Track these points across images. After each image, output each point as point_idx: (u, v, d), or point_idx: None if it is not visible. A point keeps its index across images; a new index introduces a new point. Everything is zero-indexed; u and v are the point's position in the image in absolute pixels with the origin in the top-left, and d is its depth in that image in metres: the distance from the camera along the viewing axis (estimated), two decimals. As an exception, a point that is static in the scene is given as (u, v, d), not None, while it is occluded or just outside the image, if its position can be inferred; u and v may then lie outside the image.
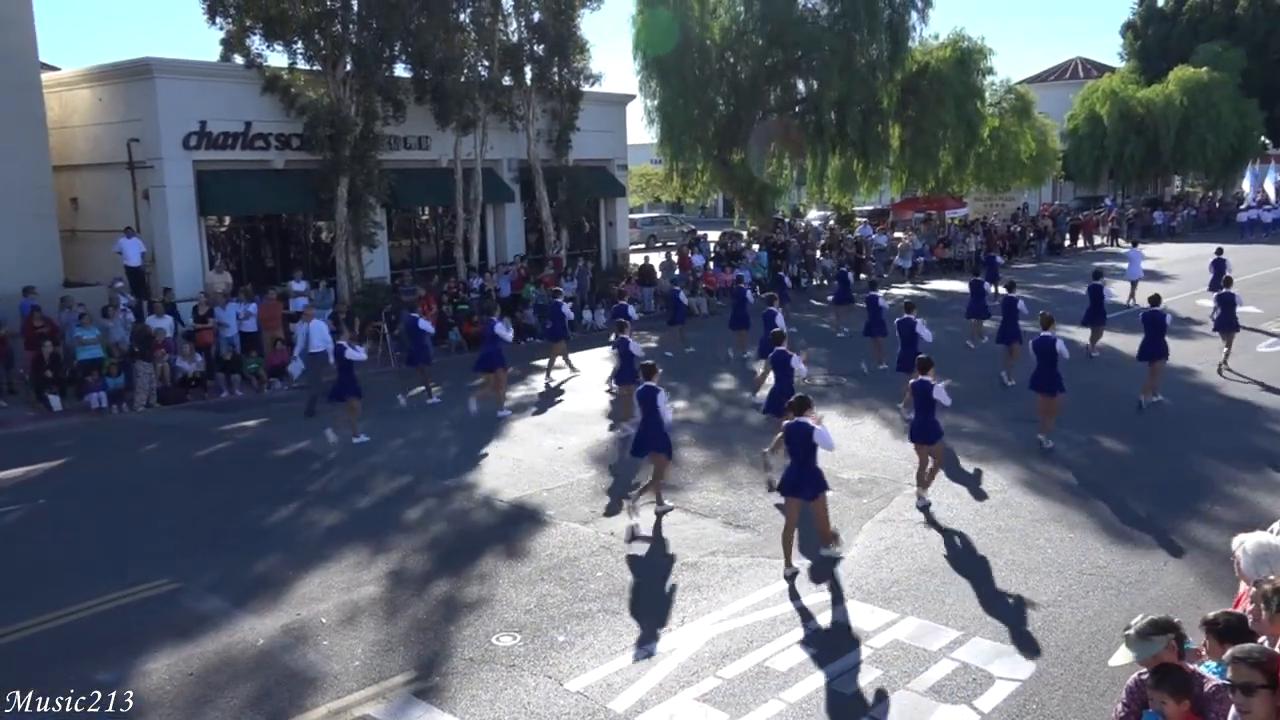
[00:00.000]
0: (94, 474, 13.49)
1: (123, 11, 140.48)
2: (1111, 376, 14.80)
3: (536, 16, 26.37)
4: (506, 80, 25.92)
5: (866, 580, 8.96)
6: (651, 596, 8.75)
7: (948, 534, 10.07)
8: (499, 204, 27.26)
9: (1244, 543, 5.32)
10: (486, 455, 13.57)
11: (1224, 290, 17.48)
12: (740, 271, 27.96)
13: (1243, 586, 5.53)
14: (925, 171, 35.98)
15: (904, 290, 27.36)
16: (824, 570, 9.20)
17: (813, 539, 9.97)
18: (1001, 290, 18.51)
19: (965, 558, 9.44)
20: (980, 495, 11.21)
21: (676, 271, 27.66)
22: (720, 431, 14.43)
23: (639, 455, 11.10)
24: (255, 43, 21.41)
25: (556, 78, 26.87)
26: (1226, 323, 17.08)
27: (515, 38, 26.31)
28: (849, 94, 31.20)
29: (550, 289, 21.84)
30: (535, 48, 26.51)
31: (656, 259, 29.41)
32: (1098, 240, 42.85)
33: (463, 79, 23.99)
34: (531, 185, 27.15)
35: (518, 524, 10.75)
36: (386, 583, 9.28)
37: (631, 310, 17.88)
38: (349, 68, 22.00)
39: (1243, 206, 50.31)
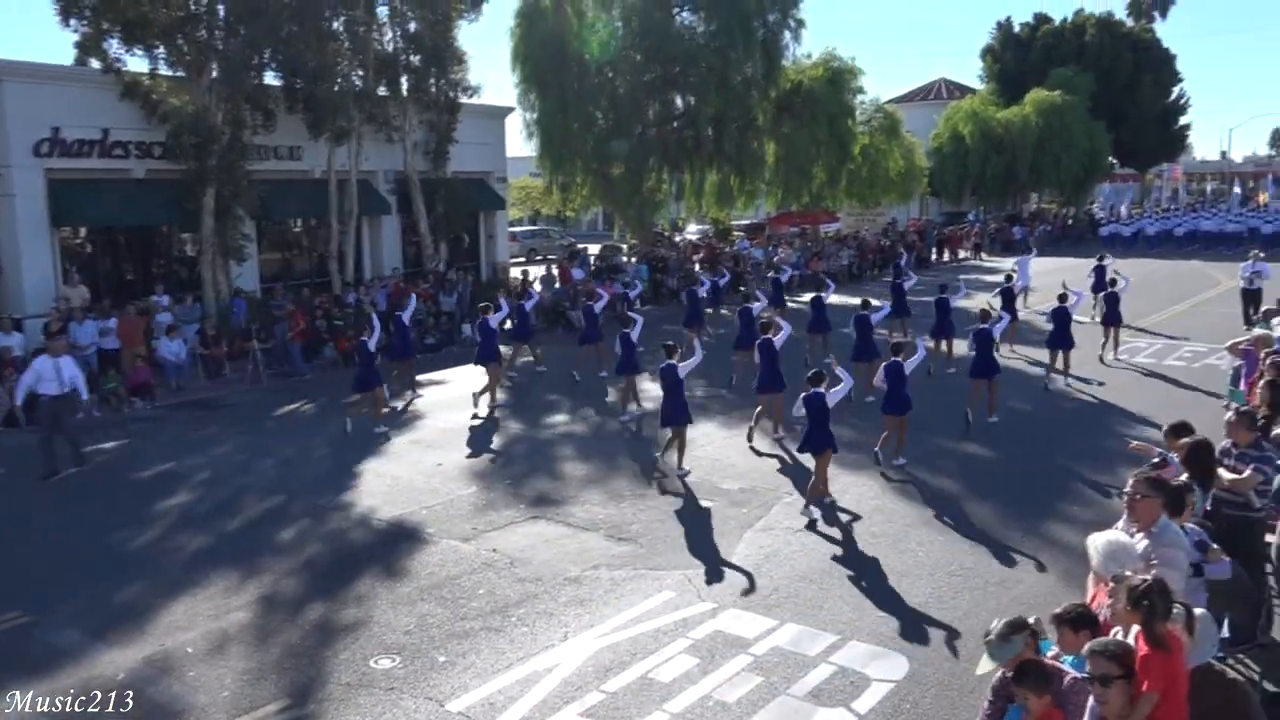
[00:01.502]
0: (-66, 502, 12.58)
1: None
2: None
3: (413, 26, 25.99)
4: (382, 90, 25.47)
5: (747, 588, 9.09)
6: (534, 612, 8.68)
7: (825, 541, 10.30)
8: (375, 216, 26.72)
9: (1096, 541, 5.62)
10: (363, 473, 13.24)
11: (1109, 290, 19.65)
12: (618, 286, 28.09)
13: (1092, 582, 5.84)
14: (799, 187, 36.90)
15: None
16: (709, 580, 9.29)
17: (705, 547, 10.10)
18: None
19: (842, 563, 9.68)
20: (856, 502, 11.52)
21: (556, 285, 27.60)
22: (602, 444, 14.45)
23: (666, 426, 12.76)
24: (113, 46, 20.43)
25: (434, 89, 26.54)
26: (1111, 318, 19.36)
27: (391, 47, 25.88)
28: (725, 110, 31.77)
29: (524, 290, 22.13)
30: (411, 58, 26.13)
31: (536, 272, 29.30)
32: (962, 254, 44.68)
33: (336, 88, 23.46)
34: (409, 197, 26.73)
35: (396, 543, 10.52)
36: (257, 608, 8.94)
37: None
38: (215, 74, 21.23)
39: (1104, 222, 53.45)
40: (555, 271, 28.70)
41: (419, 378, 18.67)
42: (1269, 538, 7.58)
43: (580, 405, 17.07)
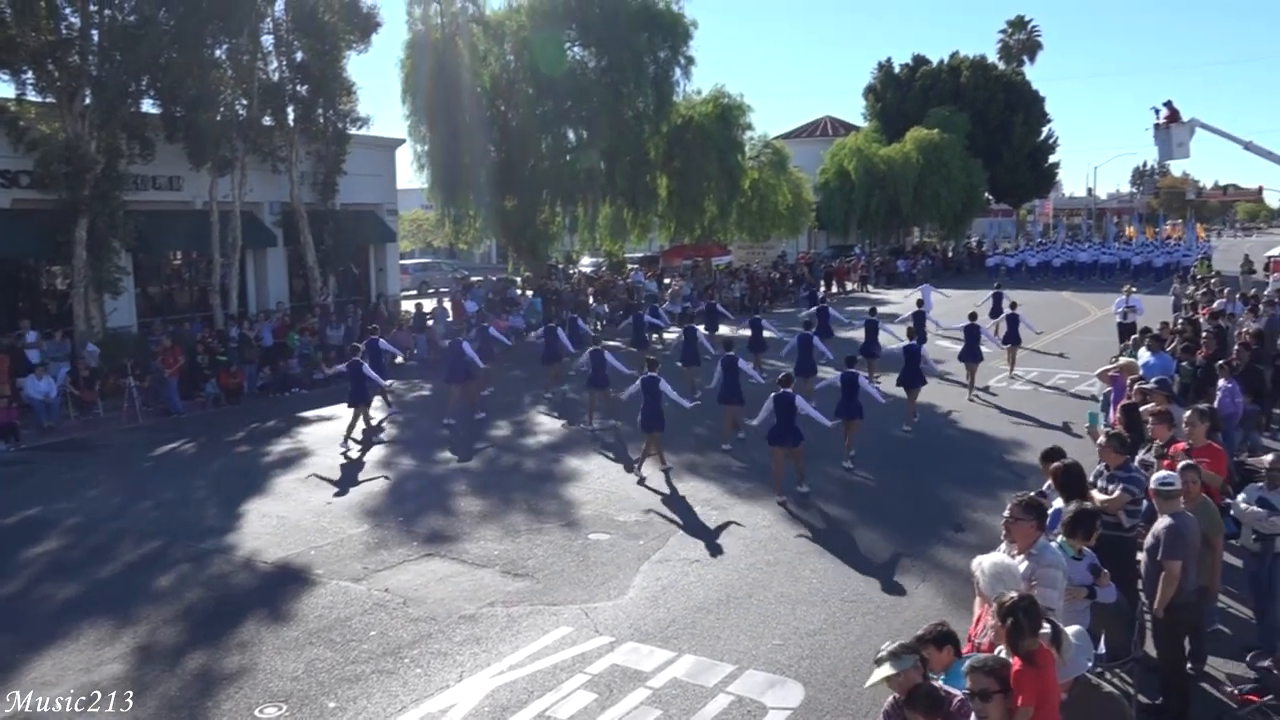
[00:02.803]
0: None
1: None
2: (874, 414, 15.96)
3: (300, 56, 25.52)
4: (267, 120, 24.89)
5: (644, 621, 9.07)
6: (428, 653, 8.48)
7: (721, 571, 10.36)
8: (260, 249, 26.03)
9: (982, 563, 5.79)
10: (247, 514, 12.76)
11: (1008, 313, 21.51)
12: (515, 319, 27.98)
13: (978, 604, 6.01)
14: (691, 220, 37.45)
15: (671, 334, 28.16)
16: (606, 613, 9.24)
17: (589, 586, 10.04)
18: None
19: (738, 593, 9.74)
20: (750, 531, 11.63)
21: (449, 319, 27.28)
22: (496, 479, 14.26)
23: (646, 430, 14.15)
24: (-23, 71, 19.56)
25: (321, 119, 26.10)
26: (1011, 339, 21.26)
27: (277, 77, 25.35)
28: (618, 144, 32.08)
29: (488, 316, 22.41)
30: (298, 88, 25.64)
31: (429, 305, 28.93)
32: (850, 286, 45.91)
33: (219, 117, 22.84)
34: (295, 229, 26.12)
35: (283, 586, 10.15)
36: (133, 659, 8.49)
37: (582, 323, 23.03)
38: (88, 101, 20.42)
39: (991, 253, 55.70)
40: (448, 305, 28.39)
41: (307, 414, 18.18)
42: (1139, 555, 7.93)
43: (474, 439, 16.84)
